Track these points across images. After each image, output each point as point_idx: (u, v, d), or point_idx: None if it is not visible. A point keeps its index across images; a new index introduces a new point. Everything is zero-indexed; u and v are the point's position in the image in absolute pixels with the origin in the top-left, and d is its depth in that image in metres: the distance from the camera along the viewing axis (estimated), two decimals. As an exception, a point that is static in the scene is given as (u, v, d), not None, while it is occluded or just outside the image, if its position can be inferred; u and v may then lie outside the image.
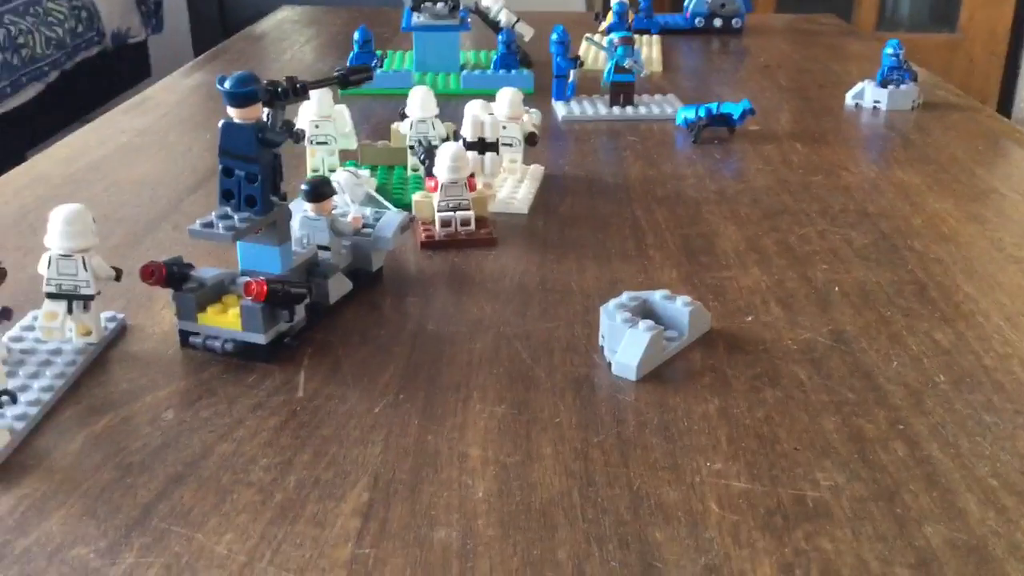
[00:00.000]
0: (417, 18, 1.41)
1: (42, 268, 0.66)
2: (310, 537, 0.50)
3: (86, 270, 0.66)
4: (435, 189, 0.87)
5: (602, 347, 0.69)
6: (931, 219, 0.93)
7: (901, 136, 1.20)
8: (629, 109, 1.27)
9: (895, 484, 0.55)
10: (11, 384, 0.60)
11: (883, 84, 1.31)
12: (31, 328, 0.69)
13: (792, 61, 1.62)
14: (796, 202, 0.97)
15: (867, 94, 1.32)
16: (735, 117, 1.17)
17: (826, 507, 0.53)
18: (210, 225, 0.66)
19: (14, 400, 0.56)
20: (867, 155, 1.13)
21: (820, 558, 0.49)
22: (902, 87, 1.30)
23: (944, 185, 1.02)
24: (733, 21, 1.81)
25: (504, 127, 0.97)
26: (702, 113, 1.17)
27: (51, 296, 0.67)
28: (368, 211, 0.80)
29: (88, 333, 0.68)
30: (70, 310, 0.67)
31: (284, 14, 2.02)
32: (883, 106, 1.30)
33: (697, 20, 1.80)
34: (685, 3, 1.82)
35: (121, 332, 0.71)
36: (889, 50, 1.30)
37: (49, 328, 0.67)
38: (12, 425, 0.58)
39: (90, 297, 0.67)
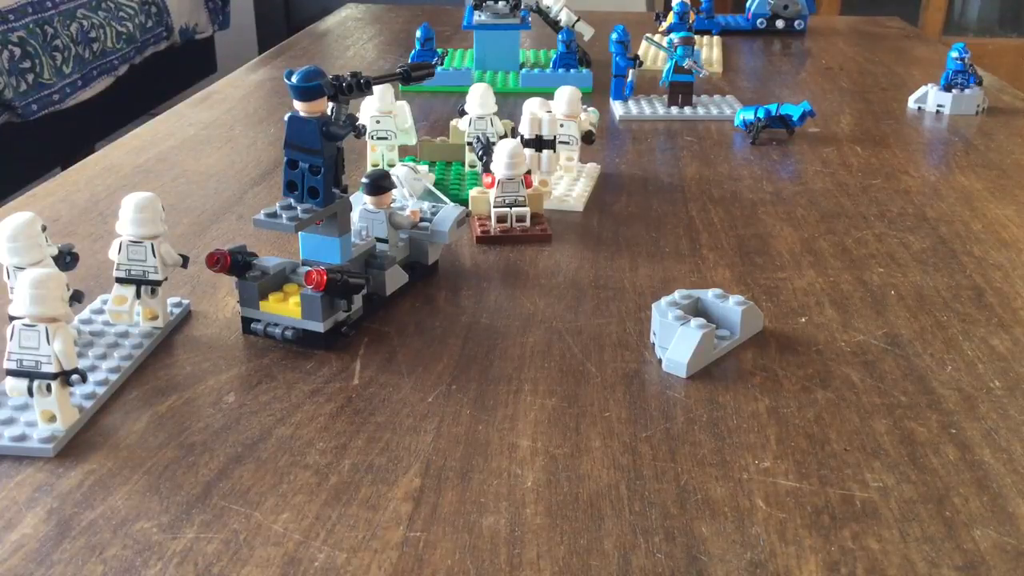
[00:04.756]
0: (478, 16, 1.43)
1: (112, 254, 0.69)
2: (363, 519, 0.52)
3: (155, 256, 0.68)
4: (492, 185, 0.88)
5: (653, 344, 0.69)
6: (991, 225, 0.92)
7: (963, 141, 1.19)
8: (687, 109, 1.27)
9: (945, 487, 0.54)
10: (81, 364, 0.62)
11: (947, 88, 1.29)
12: (101, 311, 0.72)
13: (855, 64, 1.60)
14: (854, 205, 0.97)
15: (930, 98, 1.31)
16: (794, 119, 1.17)
17: (874, 508, 0.53)
18: (274, 215, 0.68)
19: (84, 379, 0.58)
20: (928, 159, 1.12)
21: (866, 557, 0.49)
22: (966, 91, 1.28)
23: (1006, 191, 1.01)
24: (795, 23, 1.79)
25: (561, 125, 0.98)
26: (761, 114, 1.17)
27: (120, 281, 0.69)
28: (426, 205, 0.82)
29: (155, 317, 0.70)
30: (138, 295, 0.69)
31: (347, 12, 2.05)
32: (946, 110, 1.29)
33: (759, 21, 1.79)
34: (747, 4, 1.81)
35: (186, 317, 0.73)
36: (954, 54, 1.29)
37: (118, 312, 0.69)
38: (81, 403, 0.61)
39: (158, 283, 0.69)
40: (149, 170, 1.06)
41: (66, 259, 0.68)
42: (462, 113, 1.02)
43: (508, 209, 0.88)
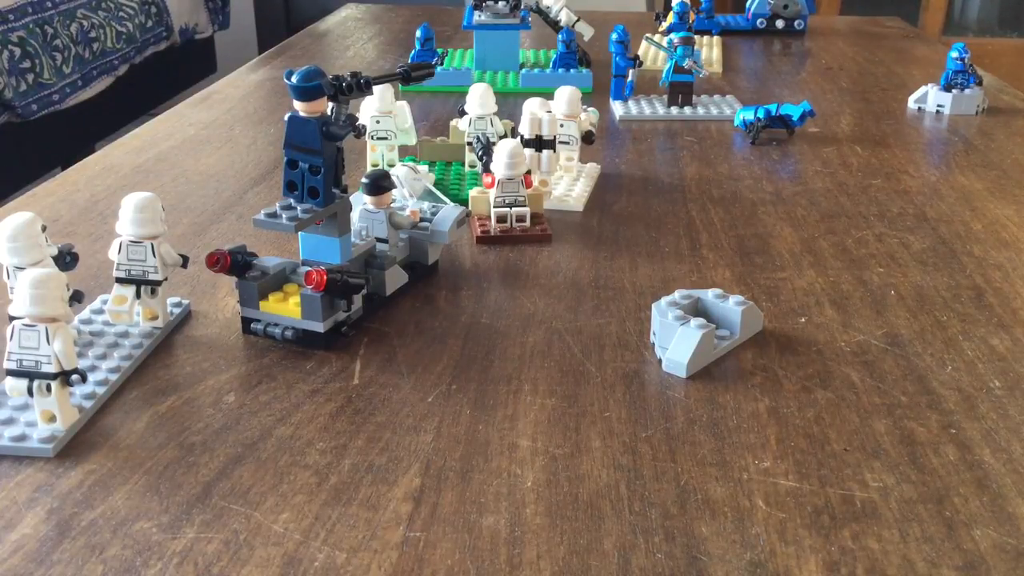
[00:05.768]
0: (478, 16, 1.43)
1: (112, 254, 0.69)
2: (363, 519, 0.52)
3: (154, 256, 0.68)
4: (492, 185, 0.88)
5: (653, 344, 0.69)
6: (991, 225, 0.92)
7: (963, 141, 1.19)
8: (687, 109, 1.27)
9: (945, 487, 0.54)
10: (81, 364, 0.62)
11: (947, 88, 1.29)
12: (101, 311, 0.72)
13: (855, 64, 1.60)
14: (854, 205, 0.97)
15: (930, 98, 1.31)
16: (794, 119, 1.17)
17: (874, 508, 0.53)
18: (274, 215, 0.68)
19: (84, 379, 0.58)
20: (928, 159, 1.12)
21: (866, 557, 0.49)
22: (966, 91, 1.28)
23: (1006, 191, 1.01)
24: (795, 23, 1.79)
25: (561, 125, 0.98)
26: (761, 114, 1.17)
27: (120, 281, 0.69)
28: (426, 205, 0.82)
29: (154, 317, 0.70)
30: (138, 295, 0.69)
31: (347, 12, 2.05)
32: (946, 110, 1.29)
33: (759, 21, 1.79)
34: (747, 4, 1.81)
35: (186, 317, 0.73)
36: (954, 54, 1.29)
37: (118, 312, 0.69)
38: (81, 403, 0.61)
39: (158, 283, 0.69)
40: (149, 170, 1.06)
41: (66, 259, 0.68)
42: (462, 113, 1.02)
43: (508, 209, 0.88)
